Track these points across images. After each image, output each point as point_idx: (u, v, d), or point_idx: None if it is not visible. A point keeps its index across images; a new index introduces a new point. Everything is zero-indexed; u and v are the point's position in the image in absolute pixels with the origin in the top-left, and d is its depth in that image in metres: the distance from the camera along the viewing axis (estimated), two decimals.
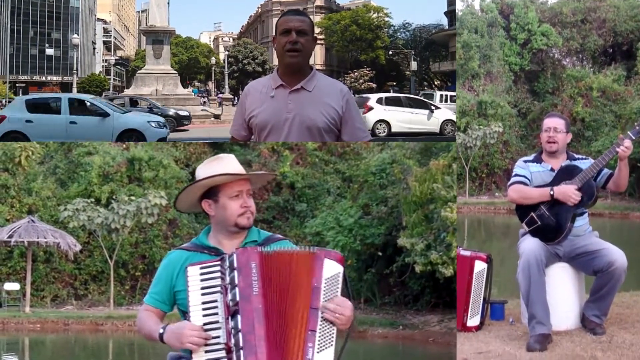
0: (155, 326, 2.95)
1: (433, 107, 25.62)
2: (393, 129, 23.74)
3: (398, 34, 65.03)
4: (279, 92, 3.66)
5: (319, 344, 2.67)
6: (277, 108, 3.64)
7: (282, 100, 3.65)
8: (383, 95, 27.36)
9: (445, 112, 26.01)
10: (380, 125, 23.64)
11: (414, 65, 52.37)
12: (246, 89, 3.85)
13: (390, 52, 60.23)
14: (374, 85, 56.34)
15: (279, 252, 2.80)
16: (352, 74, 58.03)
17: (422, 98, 28.54)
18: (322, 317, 2.69)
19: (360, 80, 56.86)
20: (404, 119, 24.18)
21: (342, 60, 65.86)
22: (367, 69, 58.30)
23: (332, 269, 2.75)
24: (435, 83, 63.60)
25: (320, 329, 2.68)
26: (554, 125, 5.47)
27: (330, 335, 2.70)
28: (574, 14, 35.79)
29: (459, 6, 37.33)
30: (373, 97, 24.89)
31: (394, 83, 61.29)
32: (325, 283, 2.73)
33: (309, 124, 3.62)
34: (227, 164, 3.05)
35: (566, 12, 35.77)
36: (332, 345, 2.69)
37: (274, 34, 3.74)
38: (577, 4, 35.94)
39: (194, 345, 2.76)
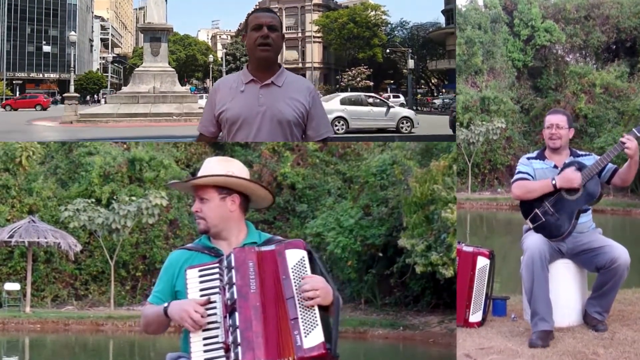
0: (160, 306, 2.99)
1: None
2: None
3: (395, 32, 64.87)
4: (250, 87, 3.80)
5: (304, 329, 2.75)
6: (249, 102, 3.78)
7: (254, 95, 3.78)
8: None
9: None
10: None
11: (411, 63, 52.31)
12: (215, 84, 4.00)
13: (388, 50, 60.07)
14: (371, 84, 56.24)
15: (268, 251, 2.87)
16: (349, 72, 58.04)
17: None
18: (299, 303, 2.77)
19: (358, 79, 56.81)
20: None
21: (340, 58, 65.71)
22: (365, 67, 58.19)
23: (294, 257, 2.85)
24: (432, 81, 63.50)
25: (301, 314, 2.76)
26: (557, 122, 5.47)
27: (313, 316, 2.77)
28: (577, 10, 35.76)
29: (463, 2, 37.28)
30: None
31: (392, 81, 61.26)
32: (292, 271, 2.82)
33: (279, 117, 3.76)
34: (203, 168, 3.16)
35: (569, 9, 35.73)
36: (317, 324, 2.76)
37: (244, 31, 3.88)
38: (581, 1, 35.94)
39: (190, 325, 2.83)
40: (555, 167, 5.44)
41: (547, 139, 5.51)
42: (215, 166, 3.13)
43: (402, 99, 47.54)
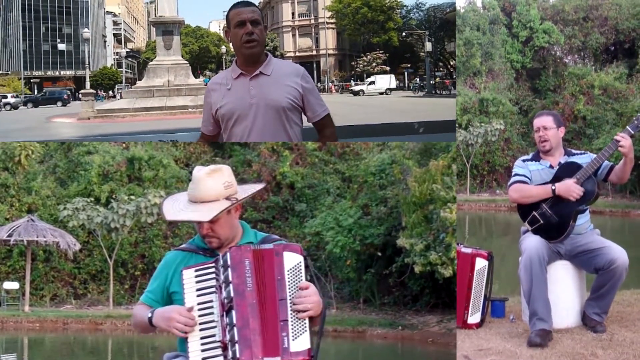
0: (146, 312, 3.01)
1: None
2: None
3: (411, 14, 63.30)
4: (240, 81, 3.90)
5: (293, 332, 2.77)
6: (241, 96, 3.87)
7: (244, 88, 3.88)
8: None
9: None
10: None
11: (428, 46, 51.18)
12: (209, 85, 4.12)
13: (404, 34, 58.84)
14: (388, 68, 55.43)
15: (266, 249, 2.87)
16: (364, 58, 57.36)
17: None
18: (291, 307, 2.79)
19: (373, 64, 56.13)
20: None
21: (354, 44, 64.70)
22: (380, 51, 57.45)
23: (292, 260, 2.85)
24: (451, 63, 62.01)
25: (291, 317, 2.79)
26: (543, 124, 5.45)
27: (302, 321, 2.80)
28: (575, 12, 35.79)
29: (461, 3, 37.30)
30: None
31: (408, 65, 60.10)
32: (288, 274, 2.83)
33: (273, 105, 3.86)
34: (200, 189, 2.99)
35: (568, 10, 35.76)
36: (306, 330, 2.79)
37: (227, 27, 3.96)
38: (579, 2, 35.94)
39: (178, 331, 2.84)
40: (551, 167, 5.43)
41: (537, 142, 5.52)
42: (210, 183, 2.98)
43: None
